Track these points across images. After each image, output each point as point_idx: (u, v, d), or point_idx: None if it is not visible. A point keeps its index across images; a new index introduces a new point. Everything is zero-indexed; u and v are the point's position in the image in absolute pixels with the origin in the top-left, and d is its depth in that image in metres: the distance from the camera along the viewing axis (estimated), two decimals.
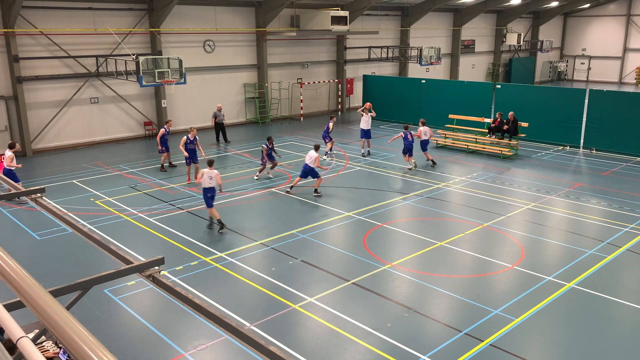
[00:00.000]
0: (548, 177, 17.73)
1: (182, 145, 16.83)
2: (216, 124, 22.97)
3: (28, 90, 20.92)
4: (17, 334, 2.01)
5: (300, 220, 13.58)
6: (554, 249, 11.99)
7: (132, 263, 3.27)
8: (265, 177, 17.36)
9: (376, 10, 32.56)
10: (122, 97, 23.56)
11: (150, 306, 9.55)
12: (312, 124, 27.90)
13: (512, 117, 20.88)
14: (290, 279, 10.32)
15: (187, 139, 16.85)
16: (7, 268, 2.41)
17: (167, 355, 7.96)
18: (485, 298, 9.64)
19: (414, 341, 8.24)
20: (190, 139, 16.88)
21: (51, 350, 5.59)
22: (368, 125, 20.59)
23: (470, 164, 19.65)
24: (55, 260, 11.41)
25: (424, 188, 16.36)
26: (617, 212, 14.26)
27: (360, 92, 31.10)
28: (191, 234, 12.58)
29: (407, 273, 10.64)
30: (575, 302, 9.55)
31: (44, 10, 20.84)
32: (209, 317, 2.91)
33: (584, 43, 49.12)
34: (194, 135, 16.97)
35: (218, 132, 23.13)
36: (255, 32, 27.26)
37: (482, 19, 40.93)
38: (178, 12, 24.10)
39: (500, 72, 44.17)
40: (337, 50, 31.65)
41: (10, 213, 14.23)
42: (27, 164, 19.84)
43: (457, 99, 25.08)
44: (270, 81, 28.53)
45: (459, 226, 13.23)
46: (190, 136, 16.92)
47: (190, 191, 16.01)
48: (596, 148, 21.50)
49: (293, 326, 8.82)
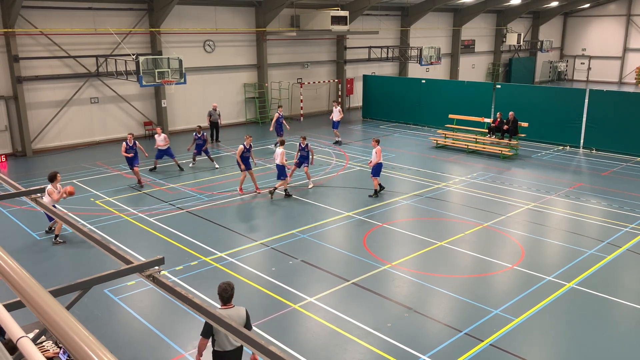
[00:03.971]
0: (548, 177, 17.73)
1: (123, 151, 16.36)
2: (211, 123, 22.96)
3: (28, 90, 20.91)
4: (17, 334, 2.01)
5: (300, 220, 13.57)
6: (554, 249, 11.99)
7: (132, 263, 3.27)
8: (212, 168, 18.42)
9: (376, 10, 32.56)
10: (122, 97, 23.56)
11: (150, 306, 9.55)
12: (313, 123, 27.89)
13: (512, 117, 20.89)
14: (290, 279, 10.32)
15: (127, 145, 16.36)
16: (7, 268, 2.40)
17: (167, 355, 7.96)
18: (485, 298, 9.64)
19: (414, 341, 8.24)
20: (129, 144, 16.40)
21: (51, 350, 5.59)
22: (337, 117, 22.74)
23: (470, 164, 19.65)
24: (55, 260, 11.41)
25: (424, 188, 16.36)
26: (617, 212, 14.26)
27: (360, 92, 31.10)
28: (191, 234, 12.58)
29: (407, 273, 10.64)
30: (575, 302, 9.55)
31: (44, 10, 20.84)
32: (209, 317, 2.91)
33: (584, 43, 49.13)
34: (132, 140, 16.50)
35: (213, 130, 23.13)
36: (255, 32, 27.26)
37: (482, 19, 40.94)
38: (178, 12, 24.10)
39: (500, 72, 44.17)
40: (337, 50, 31.65)
41: (10, 213, 14.23)
42: (27, 164, 19.86)
43: (457, 99, 25.07)
44: (270, 81, 28.54)
45: (459, 226, 13.23)
46: (129, 141, 16.42)
47: (191, 191, 16.01)
48: (596, 148, 21.50)
49: (293, 326, 8.82)
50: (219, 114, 23.01)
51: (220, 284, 6.26)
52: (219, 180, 17.31)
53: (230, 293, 6.19)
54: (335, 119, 22.79)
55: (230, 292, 6.20)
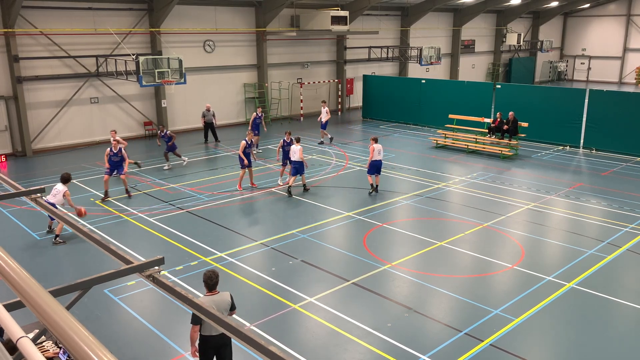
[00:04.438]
0: (548, 177, 17.73)
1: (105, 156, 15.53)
2: (205, 123, 22.94)
3: (28, 90, 20.91)
4: (17, 334, 2.01)
5: (300, 220, 13.57)
6: (554, 249, 11.99)
7: (132, 263, 3.27)
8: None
9: (376, 10, 32.56)
10: (122, 97, 23.56)
11: (150, 306, 9.55)
12: (313, 123, 27.88)
13: (512, 117, 20.89)
14: (290, 279, 10.32)
15: (111, 151, 15.51)
16: (7, 268, 2.41)
17: (167, 355, 7.96)
18: (485, 298, 9.64)
19: (414, 341, 8.24)
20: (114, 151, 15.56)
21: (51, 350, 5.59)
22: (325, 118, 23.04)
23: (470, 164, 19.65)
24: (55, 260, 11.41)
25: (424, 188, 16.36)
26: (617, 212, 14.26)
27: (360, 92, 31.10)
28: (191, 234, 12.58)
29: (407, 273, 10.64)
30: (575, 302, 9.54)
31: (44, 10, 20.84)
32: (208, 317, 2.91)
33: (584, 43, 49.13)
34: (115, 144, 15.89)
35: (207, 131, 23.08)
36: (255, 32, 27.26)
37: (482, 19, 40.93)
38: (178, 12, 24.09)
39: (500, 72, 44.17)
40: (337, 50, 31.65)
41: (10, 213, 14.23)
42: (27, 164, 19.86)
43: (457, 99, 25.07)
44: (270, 81, 28.53)
45: (459, 226, 13.23)
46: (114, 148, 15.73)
47: (191, 191, 16.00)
48: (596, 148, 21.50)
49: (293, 326, 8.82)
50: (213, 114, 22.90)
51: (205, 272, 6.58)
52: (219, 180, 17.31)
53: (215, 280, 6.54)
54: (324, 120, 22.96)
55: (215, 279, 6.55)
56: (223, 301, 6.59)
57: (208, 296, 6.54)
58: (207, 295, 6.56)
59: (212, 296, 6.53)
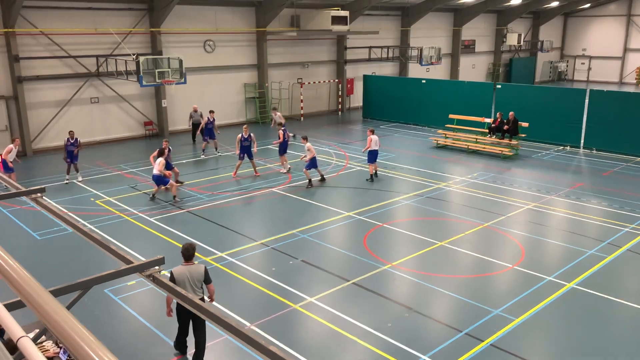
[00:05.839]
0: (548, 177, 17.73)
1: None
2: (193, 124, 22.84)
3: (28, 90, 20.92)
4: (18, 334, 2.01)
5: (300, 220, 13.57)
6: (554, 249, 11.99)
7: (132, 263, 3.27)
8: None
9: (376, 10, 32.55)
10: (122, 97, 23.56)
11: (150, 306, 9.55)
12: (313, 123, 27.89)
13: (512, 117, 20.88)
14: (290, 279, 10.32)
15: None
16: (7, 268, 2.41)
17: (167, 355, 7.96)
18: (486, 298, 9.64)
19: (414, 341, 8.24)
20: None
21: (51, 350, 5.59)
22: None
23: (471, 164, 19.64)
24: (55, 260, 11.41)
25: (424, 188, 16.36)
26: (618, 212, 14.26)
27: (360, 92, 31.09)
28: (191, 234, 12.57)
29: (407, 273, 10.64)
30: (575, 302, 9.54)
31: (44, 10, 20.84)
32: (209, 317, 2.92)
33: (584, 43, 49.11)
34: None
35: (194, 133, 22.88)
36: (255, 32, 27.26)
37: (482, 19, 40.92)
38: (178, 12, 24.09)
39: (500, 72, 44.16)
40: (337, 50, 31.65)
41: (10, 213, 14.23)
42: (27, 163, 19.85)
43: (457, 99, 25.06)
44: (271, 81, 28.53)
45: (459, 226, 13.22)
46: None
47: (191, 191, 16.01)
48: (596, 148, 21.49)
49: (293, 326, 8.82)
50: (200, 115, 22.63)
51: (183, 245, 7.47)
52: (219, 180, 17.31)
53: (191, 252, 7.38)
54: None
55: (192, 251, 7.39)
56: (197, 272, 7.28)
57: (184, 265, 7.27)
58: (183, 265, 7.27)
59: (188, 266, 7.27)
